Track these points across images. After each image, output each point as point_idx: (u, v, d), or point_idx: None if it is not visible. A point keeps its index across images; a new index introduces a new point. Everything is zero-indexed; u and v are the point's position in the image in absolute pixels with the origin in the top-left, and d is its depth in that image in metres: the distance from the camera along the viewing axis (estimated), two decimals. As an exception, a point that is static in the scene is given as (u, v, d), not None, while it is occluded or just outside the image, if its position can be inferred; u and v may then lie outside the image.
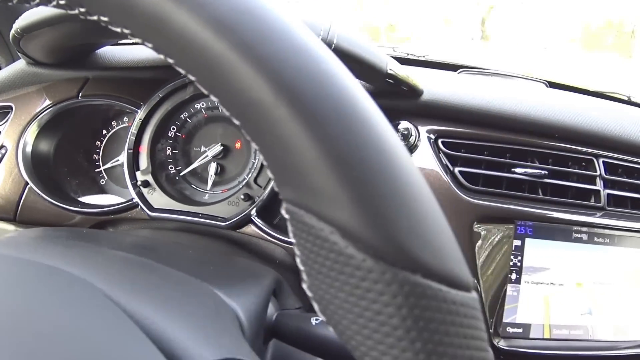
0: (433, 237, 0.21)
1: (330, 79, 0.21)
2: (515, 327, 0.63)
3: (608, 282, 0.66)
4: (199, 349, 0.31)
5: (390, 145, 0.21)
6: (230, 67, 0.19)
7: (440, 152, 0.62)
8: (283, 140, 0.20)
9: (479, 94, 0.65)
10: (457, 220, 0.59)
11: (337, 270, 0.20)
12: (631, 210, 0.67)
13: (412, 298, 0.20)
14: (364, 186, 0.20)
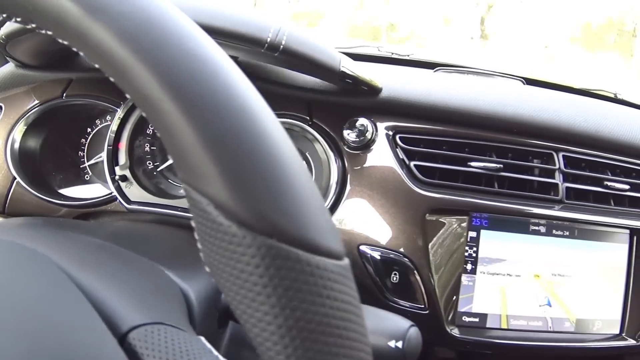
0: (291, 205, 0.24)
1: (207, 78, 0.25)
2: (471, 317, 0.65)
3: (568, 275, 0.68)
4: (131, 311, 0.35)
5: (256, 125, 0.25)
6: (131, 70, 0.23)
7: (397, 147, 0.65)
8: (170, 129, 0.23)
9: (438, 91, 0.67)
10: (410, 212, 0.62)
11: (214, 237, 0.24)
12: (591, 204, 0.68)
13: (268, 259, 0.23)
14: (227, 162, 0.23)
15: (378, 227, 0.63)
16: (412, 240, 0.62)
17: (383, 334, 0.45)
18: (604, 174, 0.69)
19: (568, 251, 0.68)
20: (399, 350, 0.44)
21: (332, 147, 0.65)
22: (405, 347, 0.44)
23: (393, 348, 0.44)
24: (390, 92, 0.66)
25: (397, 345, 0.44)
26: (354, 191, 0.64)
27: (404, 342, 0.44)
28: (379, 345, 0.44)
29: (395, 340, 0.44)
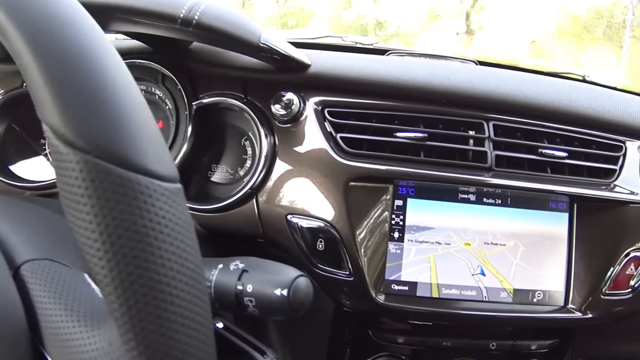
0: (111, 125, 0.28)
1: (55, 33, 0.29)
2: (400, 285, 0.66)
3: (501, 244, 0.67)
4: (25, 248, 0.39)
5: (89, 58, 0.29)
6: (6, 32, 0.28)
7: (325, 120, 0.67)
8: (27, 71, 0.27)
9: (368, 67, 0.69)
10: (333, 181, 0.63)
11: (55, 161, 0.28)
12: (525, 171, 0.67)
13: (86, 173, 0.26)
14: (58, 88, 0.27)
15: (305, 197, 0.65)
16: (336, 209, 0.63)
17: (271, 282, 0.47)
18: (541, 142, 0.69)
19: (501, 220, 0.67)
20: (284, 298, 0.46)
21: (264, 123, 0.68)
22: (291, 295, 0.46)
23: (279, 296, 0.46)
24: (318, 67, 0.68)
25: (283, 293, 0.46)
26: (284, 164, 0.67)
27: (290, 291, 0.46)
28: (266, 293, 0.46)
29: (281, 289, 0.46)
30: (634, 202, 0.70)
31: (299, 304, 0.46)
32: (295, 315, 0.47)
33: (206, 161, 0.74)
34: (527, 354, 0.72)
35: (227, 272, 0.49)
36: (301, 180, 0.65)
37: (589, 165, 0.70)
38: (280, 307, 0.46)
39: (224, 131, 0.75)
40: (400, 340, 0.68)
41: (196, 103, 0.71)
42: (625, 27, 4.17)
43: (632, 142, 0.73)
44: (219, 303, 0.49)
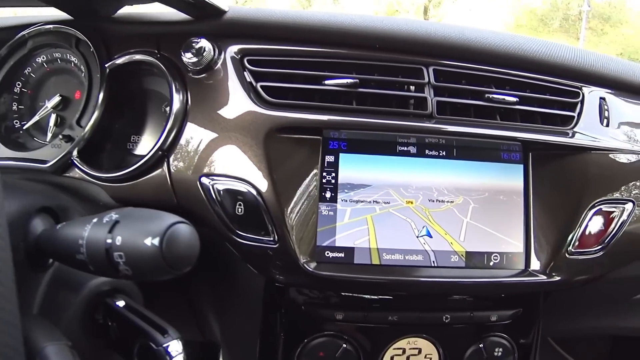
0: None
1: None
2: (334, 252, 0.58)
3: (448, 201, 0.60)
4: None
5: None
6: None
7: (245, 70, 0.60)
8: None
9: (290, 11, 0.63)
10: (251, 134, 0.56)
11: None
12: (467, 118, 0.60)
13: None
14: None
15: (220, 156, 0.57)
16: (256, 166, 0.56)
17: (141, 231, 0.39)
18: (488, 87, 0.62)
19: (447, 173, 0.60)
20: (155, 249, 0.38)
21: (177, 76, 0.61)
22: (165, 245, 0.38)
23: (149, 246, 0.38)
24: (236, 13, 0.62)
25: (154, 242, 0.38)
26: (198, 121, 0.59)
27: (163, 240, 0.38)
28: (136, 244, 0.38)
29: (152, 238, 0.38)
30: (597, 149, 0.63)
31: (174, 257, 0.38)
32: (173, 273, 0.39)
33: (125, 131, 0.67)
34: (487, 327, 0.64)
35: (99, 226, 0.41)
36: (216, 137, 0.58)
37: (543, 111, 0.63)
38: (151, 261, 0.37)
39: (143, 98, 0.67)
40: (339, 317, 0.60)
41: (109, 64, 0.64)
42: (581, 19, 4.25)
43: (590, 88, 0.67)
44: (92, 265, 0.41)
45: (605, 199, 0.62)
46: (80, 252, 0.39)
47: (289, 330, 0.61)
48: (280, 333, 0.61)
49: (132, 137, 0.67)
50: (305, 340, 0.60)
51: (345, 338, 0.61)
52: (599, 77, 0.68)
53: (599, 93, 0.68)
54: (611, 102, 0.68)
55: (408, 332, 0.62)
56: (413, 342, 0.62)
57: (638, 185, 0.65)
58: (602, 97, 0.68)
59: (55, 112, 0.72)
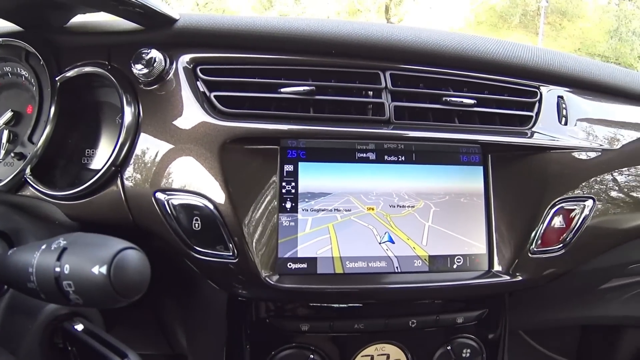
0: None
1: None
2: (297, 263, 0.57)
3: (409, 206, 0.60)
4: None
5: None
6: None
7: (198, 79, 0.59)
8: None
9: (243, 17, 0.62)
10: (206, 145, 0.55)
11: None
12: (426, 122, 0.61)
13: None
14: None
15: (175, 168, 0.56)
16: (211, 180, 0.55)
17: (89, 259, 0.38)
18: (445, 90, 0.63)
19: (406, 178, 0.60)
20: (103, 277, 0.37)
21: (128, 88, 0.60)
22: (113, 273, 0.37)
23: (97, 275, 0.37)
24: (187, 21, 0.61)
25: (102, 271, 0.37)
26: (150, 134, 0.58)
27: (110, 267, 0.37)
28: (84, 272, 0.38)
29: (99, 266, 0.37)
30: (556, 148, 0.64)
31: (124, 285, 0.37)
32: (123, 301, 0.38)
33: (79, 145, 0.66)
34: (454, 329, 0.64)
35: (48, 253, 0.40)
36: (171, 149, 0.57)
37: (501, 112, 0.64)
38: (100, 290, 0.36)
39: (97, 110, 0.66)
40: (305, 328, 0.60)
41: (59, 77, 0.63)
42: (539, 14, 4.34)
43: (547, 87, 0.68)
44: (44, 294, 0.40)
45: (566, 197, 0.63)
46: (31, 280, 0.38)
47: (255, 343, 0.61)
48: (246, 346, 0.61)
49: (86, 151, 0.66)
50: (272, 352, 0.60)
51: (312, 349, 0.61)
52: (557, 75, 0.69)
53: (557, 92, 0.69)
54: (569, 100, 0.69)
55: (375, 339, 0.62)
56: (381, 348, 0.63)
57: (598, 182, 0.67)
58: (560, 96, 0.69)
59: (7, 129, 0.70)
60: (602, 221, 0.66)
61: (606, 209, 0.66)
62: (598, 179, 0.66)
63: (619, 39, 12.22)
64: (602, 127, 0.70)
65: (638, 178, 0.71)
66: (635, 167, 0.71)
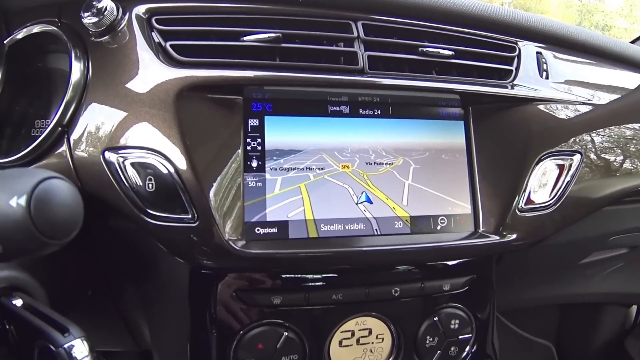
0: None
1: None
2: (266, 227, 0.52)
3: (387, 163, 0.56)
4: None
5: None
6: None
7: (153, 30, 0.54)
8: None
9: None
10: (160, 96, 0.49)
11: None
12: (402, 72, 0.58)
13: None
14: None
15: (126, 125, 0.50)
16: (166, 133, 0.49)
17: (4, 190, 0.32)
18: (421, 42, 0.60)
19: (383, 133, 0.56)
20: (22, 210, 0.31)
21: (78, 43, 0.55)
22: (33, 205, 0.31)
23: (14, 207, 0.31)
24: None
25: (20, 202, 0.31)
26: (99, 88, 0.52)
27: (30, 199, 0.31)
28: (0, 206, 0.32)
29: (17, 197, 0.32)
30: (538, 100, 0.61)
31: (48, 220, 0.31)
32: (50, 244, 0.33)
33: (29, 114, 0.59)
34: (440, 299, 0.60)
35: None
36: (121, 105, 0.51)
37: (481, 65, 0.61)
38: (19, 228, 0.31)
39: (48, 77, 0.60)
40: (277, 301, 0.54)
41: (7, 41, 0.57)
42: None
43: (525, 43, 0.66)
44: None
45: (552, 151, 0.61)
46: None
47: (221, 323, 0.54)
48: (211, 328, 0.55)
49: (36, 121, 0.59)
50: (240, 332, 0.54)
51: (286, 325, 0.55)
52: (535, 31, 0.67)
53: (536, 48, 0.67)
54: (548, 56, 0.68)
55: (355, 312, 0.57)
56: (362, 322, 0.58)
57: (584, 136, 0.64)
58: (538, 52, 0.67)
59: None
60: (591, 177, 0.63)
61: (594, 164, 0.64)
62: (584, 133, 0.64)
63: None
64: (583, 84, 0.68)
65: (624, 135, 0.69)
66: (619, 125, 0.69)
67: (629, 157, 0.71)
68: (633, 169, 0.71)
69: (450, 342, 0.62)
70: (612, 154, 0.67)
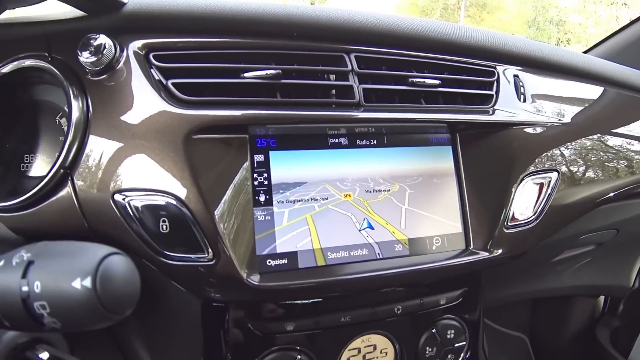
0: None
1: None
2: (276, 259, 0.56)
3: (385, 190, 0.61)
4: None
5: None
6: None
7: (152, 67, 0.56)
8: None
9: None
10: (168, 137, 0.52)
11: None
12: (394, 104, 0.62)
13: None
14: None
15: (134, 166, 0.53)
16: (177, 175, 0.52)
17: (65, 272, 0.34)
18: (409, 72, 0.65)
19: (380, 162, 0.61)
20: (87, 292, 0.32)
21: (74, 80, 0.56)
22: (99, 285, 0.32)
23: (79, 289, 0.32)
24: (136, 4, 0.57)
25: (85, 284, 0.32)
26: (101, 128, 0.54)
27: (96, 279, 0.33)
28: (61, 289, 0.33)
29: (81, 278, 0.33)
30: (517, 124, 0.68)
31: (113, 298, 0.33)
32: (113, 318, 0.34)
33: (17, 150, 0.60)
34: (437, 312, 0.66)
35: (8, 270, 0.35)
36: (127, 145, 0.53)
37: (464, 92, 0.67)
38: (85, 308, 0.32)
39: (35, 111, 0.60)
40: (290, 328, 0.58)
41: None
42: (459, 7, 4.71)
43: (503, 66, 0.73)
44: (8, 320, 0.35)
45: (533, 171, 0.67)
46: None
47: (236, 353, 0.58)
48: (227, 356, 0.58)
49: (25, 157, 0.60)
50: (255, 359, 0.58)
51: (299, 349, 0.59)
52: (511, 55, 0.74)
53: (512, 71, 0.74)
54: (524, 78, 0.74)
55: (362, 331, 0.62)
56: (367, 339, 0.63)
57: (558, 154, 0.72)
58: (515, 75, 0.74)
59: None
60: (568, 191, 0.71)
61: (569, 178, 0.72)
62: (558, 151, 0.71)
63: (537, 28, 13.62)
64: (555, 103, 0.76)
65: (592, 147, 0.78)
66: (586, 137, 0.78)
67: (594, 167, 0.80)
68: (598, 177, 0.80)
69: (447, 350, 0.68)
70: (583, 166, 0.75)
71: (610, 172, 0.81)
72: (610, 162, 0.82)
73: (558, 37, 14.14)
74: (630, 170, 0.84)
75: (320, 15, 0.62)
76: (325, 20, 0.62)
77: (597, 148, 0.80)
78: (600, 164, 0.80)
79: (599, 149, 0.80)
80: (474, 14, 12.55)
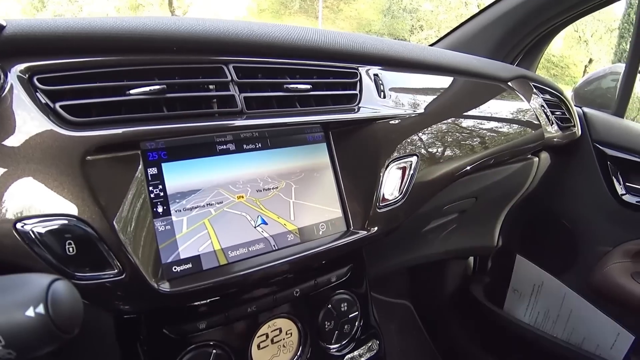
0: None
1: None
2: (181, 265, 0.66)
3: (273, 187, 0.75)
4: None
5: None
6: None
7: (37, 90, 0.61)
8: None
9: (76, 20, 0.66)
10: (63, 161, 0.57)
11: None
12: (276, 109, 0.76)
13: None
14: None
15: (33, 192, 0.58)
16: (78, 197, 0.59)
17: (15, 303, 0.38)
18: (283, 79, 0.79)
19: (266, 163, 0.74)
20: (42, 318, 0.37)
21: None
22: (51, 310, 0.38)
23: (33, 317, 0.37)
24: (15, 28, 0.61)
25: (38, 311, 0.37)
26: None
27: (47, 304, 0.38)
28: (14, 320, 0.37)
29: (33, 307, 0.38)
30: (380, 118, 0.87)
31: (66, 318, 0.38)
32: (66, 337, 0.39)
33: None
34: (330, 289, 0.83)
35: None
36: (24, 172, 0.57)
37: (332, 94, 0.83)
38: (40, 333, 0.37)
39: None
40: (202, 326, 0.69)
41: None
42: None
43: (365, 67, 0.91)
44: None
45: (396, 157, 0.86)
46: None
47: (155, 358, 0.68)
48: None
49: None
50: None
51: (213, 344, 0.71)
52: (370, 56, 0.92)
53: (374, 70, 0.92)
54: (384, 76, 0.93)
55: (267, 317, 0.76)
56: (273, 324, 0.77)
57: (417, 140, 0.92)
58: (375, 74, 0.92)
59: None
60: (427, 171, 0.92)
61: (428, 159, 0.92)
62: (416, 138, 0.92)
63: (392, 17, 15.18)
64: (411, 95, 0.96)
65: (448, 130, 1.00)
66: (438, 123, 1.00)
67: (450, 147, 1.03)
68: (455, 155, 1.03)
69: (343, 321, 0.85)
70: (441, 147, 0.97)
71: (467, 149, 1.04)
72: (466, 140, 1.06)
73: (412, 24, 15.96)
74: (483, 146, 1.09)
75: (197, 29, 0.72)
76: (203, 33, 0.72)
77: (453, 130, 1.03)
78: (457, 143, 1.03)
79: (454, 130, 1.03)
80: (332, 5, 13.59)
